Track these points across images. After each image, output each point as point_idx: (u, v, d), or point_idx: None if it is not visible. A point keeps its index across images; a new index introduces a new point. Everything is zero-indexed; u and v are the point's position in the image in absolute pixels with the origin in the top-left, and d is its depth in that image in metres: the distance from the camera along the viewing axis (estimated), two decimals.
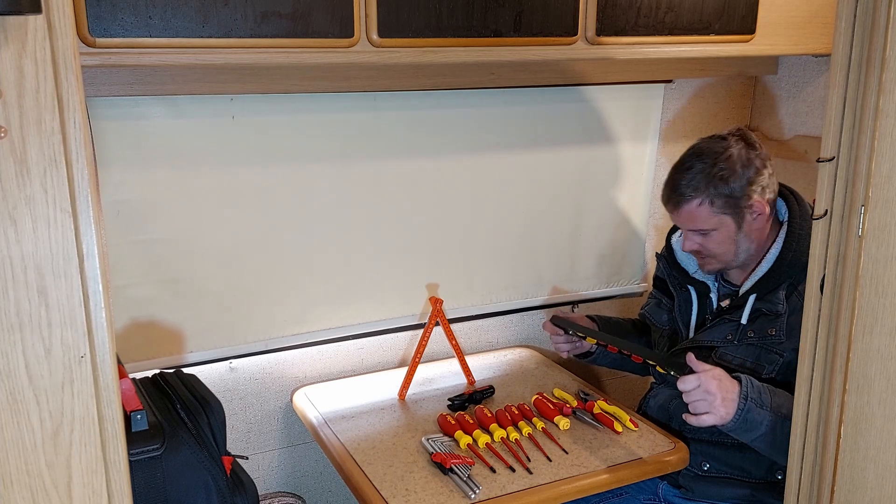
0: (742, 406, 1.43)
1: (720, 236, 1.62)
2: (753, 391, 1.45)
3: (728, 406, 1.42)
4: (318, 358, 1.96)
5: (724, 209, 1.59)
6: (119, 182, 1.63)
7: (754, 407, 1.43)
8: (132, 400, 1.11)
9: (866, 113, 0.96)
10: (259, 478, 1.95)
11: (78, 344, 0.80)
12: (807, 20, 1.89)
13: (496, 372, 1.99)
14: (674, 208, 1.64)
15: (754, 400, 1.44)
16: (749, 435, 1.46)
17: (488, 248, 2.07)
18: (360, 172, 1.85)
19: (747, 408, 1.43)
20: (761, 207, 1.60)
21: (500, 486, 1.45)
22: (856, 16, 0.96)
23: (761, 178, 1.59)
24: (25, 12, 0.70)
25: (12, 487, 0.80)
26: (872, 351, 1.00)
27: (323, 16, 1.40)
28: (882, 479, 1.02)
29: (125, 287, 1.69)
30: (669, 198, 1.64)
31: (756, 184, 1.59)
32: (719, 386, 1.42)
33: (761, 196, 1.60)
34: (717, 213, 1.60)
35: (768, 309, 1.60)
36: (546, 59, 1.63)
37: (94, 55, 1.28)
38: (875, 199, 0.97)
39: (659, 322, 1.84)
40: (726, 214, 1.60)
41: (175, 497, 1.10)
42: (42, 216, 0.76)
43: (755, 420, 1.44)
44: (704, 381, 1.42)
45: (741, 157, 1.59)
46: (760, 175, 1.59)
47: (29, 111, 0.74)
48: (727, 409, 1.42)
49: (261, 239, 1.80)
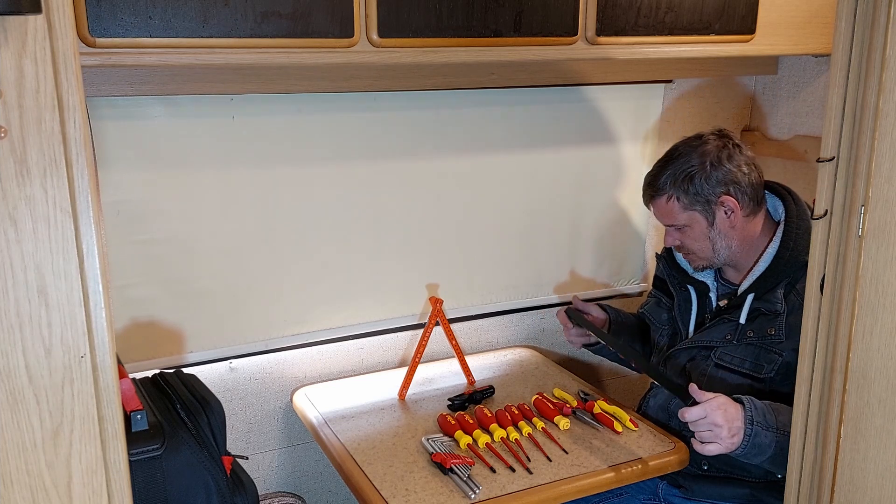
0: (749, 431, 1.43)
1: (693, 233, 1.66)
2: (758, 414, 1.45)
3: (736, 435, 1.43)
4: (318, 358, 1.96)
5: (693, 206, 1.64)
6: (119, 182, 1.63)
7: (761, 431, 1.44)
8: (132, 400, 1.11)
9: (866, 113, 0.96)
10: (259, 478, 1.95)
11: (78, 344, 0.80)
12: (807, 20, 1.89)
13: (496, 372, 1.99)
14: (647, 202, 1.72)
15: (760, 423, 1.44)
16: (758, 458, 1.46)
17: (488, 248, 2.07)
18: (360, 172, 1.85)
19: (754, 432, 1.43)
20: (733, 205, 1.62)
21: (500, 486, 1.45)
22: (856, 16, 0.96)
23: (734, 175, 1.62)
24: (25, 12, 0.69)
25: (12, 487, 0.80)
26: (872, 351, 1.00)
27: (323, 16, 1.40)
28: (882, 479, 1.02)
29: (125, 287, 1.69)
30: (644, 193, 1.73)
31: (727, 182, 1.62)
32: (725, 416, 1.42)
33: (735, 193, 1.62)
34: (686, 209, 1.64)
35: (767, 308, 1.61)
36: (546, 59, 1.63)
37: (94, 55, 1.28)
38: (875, 199, 0.96)
39: (658, 321, 1.85)
40: (695, 211, 1.64)
41: (175, 497, 1.10)
42: (42, 216, 0.76)
43: (763, 443, 1.44)
44: (710, 413, 1.42)
45: (711, 156, 1.62)
46: (732, 173, 1.62)
47: (29, 111, 0.74)
48: (735, 438, 1.43)
49: (261, 239, 1.80)
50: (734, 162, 1.62)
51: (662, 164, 1.68)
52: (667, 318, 1.83)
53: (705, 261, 1.70)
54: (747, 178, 1.63)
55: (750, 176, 1.63)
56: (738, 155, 1.63)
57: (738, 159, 1.63)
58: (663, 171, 1.66)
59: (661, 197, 1.67)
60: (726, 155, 1.62)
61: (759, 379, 1.60)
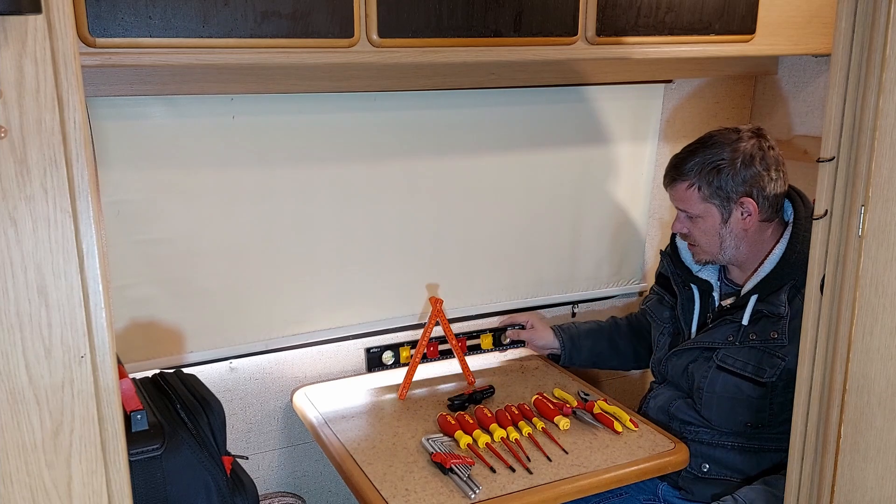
0: None
1: (704, 225, 1.65)
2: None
3: None
4: (318, 358, 1.96)
5: (712, 199, 1.62)
6: (119, 182, 1.63)
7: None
8: (132, 400, 1.11)
9: (866, 113, 0.96)
10: (259, 478, 1.95)
11: (78, 344, 0.80)
12: (807, 20, 1.89)
13: (496, 372, 1.99)
14: (668, 184, 1.70)
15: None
16: None
17: (488, 248, 2.07)
18: (360, 172, 1.85)
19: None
20: (752, 208, 1.61)
21: (500, 486, 1.45)
22: (856, 16, 0.96)
23: (761, 179, 1.60)
24: (25, 12, 0.70)
25: (12, 487, 0.80)
26: (872, 351, 1.00)
27: (323, 16, 1.40)
28: (882, 479, 1.02)
29: (125, 287, 1.69)
30: (667, 173, 1.70)
31: (752, 185, 1.60)
32: None
33: (757, 197, 1.60)
34: (705, 200, 1.63)
35: (770, 311, 1.60)
36: (546, 59, 1.63)
37: (94, 55, 1.28)
38: (875, 199, 0.96)
39: (660, 319, 1.84)
40: (712, 204, 1.63)
41: (175, 497, 1.10)
42: (42, 216, 0.76)
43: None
44: None
45: (744, 154, 1.60)
46: (761, 177, 1.60)
47: (29, 111, 0.74)
48: None
49: (261, 239, 1.80)
50: (764, 165, 1.60)
51: (693, 149, 1.65)
52: (669, 315, 1.83)
53: (709, 255, 1.69)
54: (772, 186, 1.61)
55: (776, 184, 1.62)
56: (770, 159, 1.61)
57: (769, 163, 1.61)
58: (692, 156, 1.64)
59: (682, 182, 1.65)
60: (759, 157, 1.60)
61: (760, 383, 1.60)
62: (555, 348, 1.97)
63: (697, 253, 1.71)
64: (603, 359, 1.99)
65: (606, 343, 1.98)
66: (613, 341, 1.98)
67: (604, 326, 2.01)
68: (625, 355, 1.99)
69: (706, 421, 1.67)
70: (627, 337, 1.99)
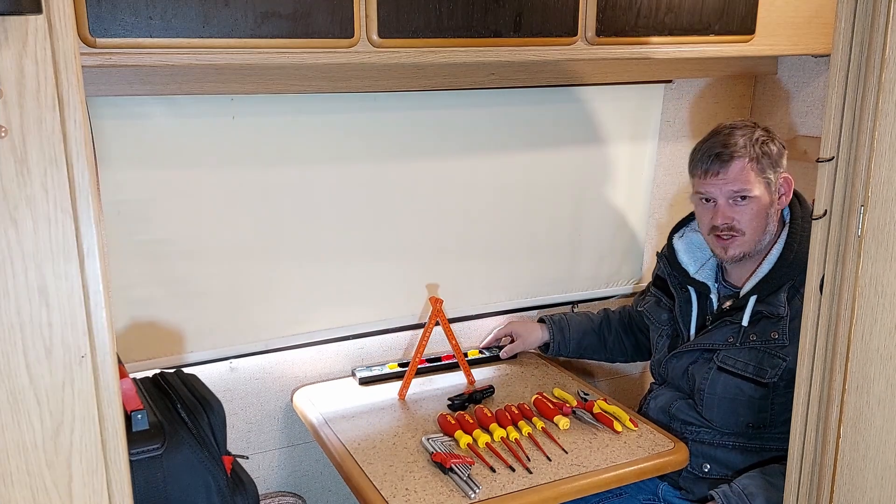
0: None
1: (757, 206, 1.59)
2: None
3: None
4: (318, 358, 1.96)
5: (765, 174, 1.59)
6: (119, 182, 1.63)
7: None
8: (132, 400, 1.11)
9: (866, 113, 0.96)
10: (259, 478, 1.95)
11: (78, 344, 0.80)
12: (807, 20, 1.89)
13: (496, 372, 1.99)
14: (719, 168, 1.58)
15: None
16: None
17: (488, 248, 2.07)
18: (360, 172, 1.85)
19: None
20: (787, 187, 1.62)
21: (500, 486, 1.45)
22: (855, 16, 0.96)
23: (783, 158, 1.62)
24: (26, 12, 0.70)
25: (13, 487, 0.80)
26: (872, 351, 1.00)
27: (323, 16, 1.40)
28: (882, 479, 1.02)
29: (125, 287, 1.69)
30: (718, 156, 1.58)
31: (782, 164, 1.62)
32: None
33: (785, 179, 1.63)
34: (760, 175, 1.59)
35: (769, 311, 1.60)
36: (546, 59, 1.63)
37: (94, 55, 1.28)
38: (874, 199, 0.97)
39: (658, 321, 1.84)
40: (766, 181, 1.59)
41: (175, 497, 1.10)
42: (42, 216, 0.76)
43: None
44: None
45: (770, 132, 1.63)
46: (783, 156, 1.62)
47: (29, 111, 0.74)
48: None
49: (261, 239, 1.80)
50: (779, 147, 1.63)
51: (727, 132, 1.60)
52: (667, 318, 1.83)
53: (749, 245, 1.62)
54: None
55: None
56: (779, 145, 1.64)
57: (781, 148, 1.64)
58: (732, 136, 1.59)
59: (738, 161, 1.57)
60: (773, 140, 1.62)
61: (762, 384, 1.60)
62: (546, 340, 2.01)
63: (735, 244, 1.62)
64: (590, 351, 2.03)
65: (595, 337, 2.01)
66: (602, 336, 2.01)
67: (594, 320, 2.03)
68: (612, 350, 2.03)
69: (707, 421, 1.67)
70: (616, 332, 2.01)
